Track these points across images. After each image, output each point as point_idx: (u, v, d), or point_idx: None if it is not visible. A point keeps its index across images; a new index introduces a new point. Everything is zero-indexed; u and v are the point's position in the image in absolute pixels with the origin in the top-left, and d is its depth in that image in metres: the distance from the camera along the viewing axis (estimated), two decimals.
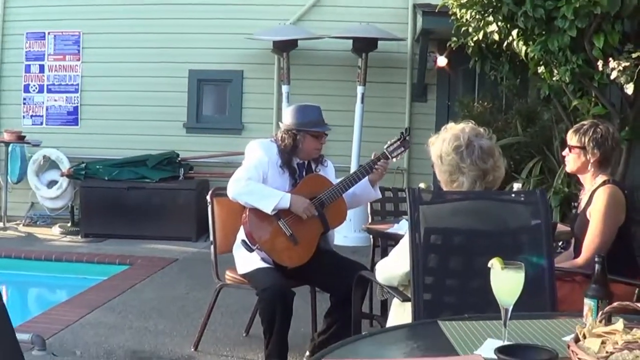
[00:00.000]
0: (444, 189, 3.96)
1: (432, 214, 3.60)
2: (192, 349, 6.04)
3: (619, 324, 2.14)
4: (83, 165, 12.01)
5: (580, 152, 4.81)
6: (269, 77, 12.45)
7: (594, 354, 2.02)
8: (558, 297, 3.61)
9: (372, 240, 6.80)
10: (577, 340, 2.14)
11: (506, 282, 2.58)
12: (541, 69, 8.19)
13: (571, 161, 4.88)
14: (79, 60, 12.83)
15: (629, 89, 6.83)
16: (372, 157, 5.65)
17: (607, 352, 1.96)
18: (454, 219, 3.66)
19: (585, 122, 4.95)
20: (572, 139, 4.86)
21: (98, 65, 12.69)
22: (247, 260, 5.50)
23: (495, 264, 2.59)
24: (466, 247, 3.62)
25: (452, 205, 3.75)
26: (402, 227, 5.48)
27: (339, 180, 5.69)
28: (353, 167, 10.85)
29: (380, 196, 6.10)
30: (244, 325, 6.56)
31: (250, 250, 5.41)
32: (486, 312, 3.02)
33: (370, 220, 6.86)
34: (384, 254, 5.82)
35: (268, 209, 5.38)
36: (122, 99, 12.57)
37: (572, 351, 2.09)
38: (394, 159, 5.72)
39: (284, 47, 11.59)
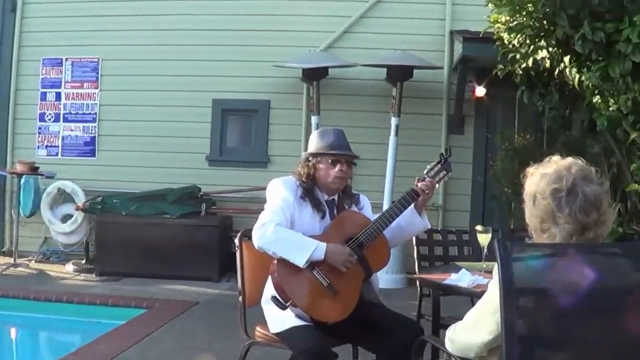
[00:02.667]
0: (533, 236, 3.26)
1: (527, 271, 2.95)
2: None
3: None
4: (99, 199, 11.56)
5: None
6: (297, 107, 11.96)
7: None
8: None
9: (419, 289, 6.04)
10: None
11: None
12: (596, 99, 7.57)
13: None
14: (97, 88, 12.38)
15: None
16: (415, 183, 4.95)
17: None
18: (553, 278, 2.98)
19: None
20: None
21: (117, 93, 12.27)
22: (280, 318, 4.74)
23: None
24: (569, 312, 2.96)
25: (552, 261, 3.03)
26: (462, 278, 4.73)
27: (376, 216, 4.96)
28: (386, 204, 10.29)
29: (430, 226, 5.33)
30: None
31: (283, 307, 4.65)
32: None
33: (417, 267, 6.10)
34: (436, 305, 5.11)
35: (300, 262, 4.64)
36: (141, 130, 12.13)
37: None
38: (437, 185, 5.04)
39: (314, 76, 11.11)
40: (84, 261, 11.45)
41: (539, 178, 3.21)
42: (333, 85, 11.56)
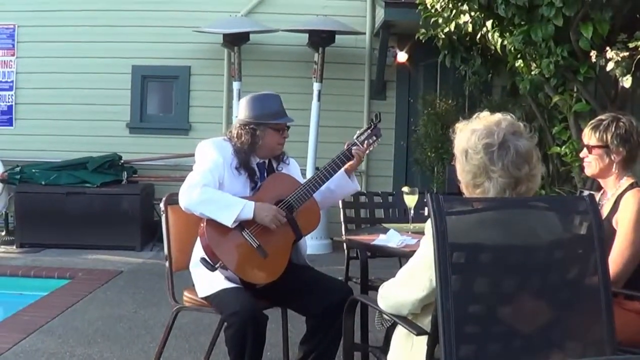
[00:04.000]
0: (465, 192, 3.28)
1: (460, 226, 2.94)
2: None
3: None
4: (18, 169, 11.23)
5: (603, 151, 4.14)
6: (218, 73, 11.79)
7: None
8: None
9: (347, 251, 6.02)
10: None
11: None
12: (518, 63, 7.63)
13: (593, 163, 4.20)
14: (13, 55, 12.02)
15: (627, 82, 6.25)
16: (345, 148, 4.96)
17: None
18: (485, 233, 3.00)
19: (603, 117, 4.28)
20: (591, 137, 4.20)
21: (35, 60, 11.89)
22: (209, 281, 4.69)
23: None
24: (501, 267, 2.97)
25: (483, 215, 3.05)
26: (391, 238, 4.73)
27: (306, 178, 4.97)
28: (309, 169, 10.30)
29: (359, 188, 5.37)
30: (203, 350, 5.74)
31: (212, 269, 4.60)
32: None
33: (344, 230, 6.08)
34: (364, 267, 5.10)
35: (228, 221, 4.59)
36: (60, 98, 11.80)
37: None
38: (368, 150, 5.07)
39: (235, 41, 10.94)
40: (4, 233, 11.24)
41: (470, 134, 3.23)
42: (254, 50, 11.43)
